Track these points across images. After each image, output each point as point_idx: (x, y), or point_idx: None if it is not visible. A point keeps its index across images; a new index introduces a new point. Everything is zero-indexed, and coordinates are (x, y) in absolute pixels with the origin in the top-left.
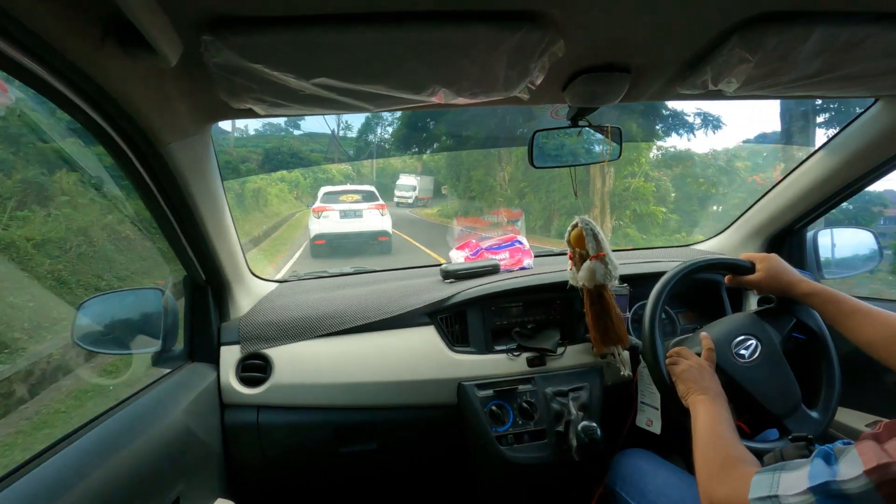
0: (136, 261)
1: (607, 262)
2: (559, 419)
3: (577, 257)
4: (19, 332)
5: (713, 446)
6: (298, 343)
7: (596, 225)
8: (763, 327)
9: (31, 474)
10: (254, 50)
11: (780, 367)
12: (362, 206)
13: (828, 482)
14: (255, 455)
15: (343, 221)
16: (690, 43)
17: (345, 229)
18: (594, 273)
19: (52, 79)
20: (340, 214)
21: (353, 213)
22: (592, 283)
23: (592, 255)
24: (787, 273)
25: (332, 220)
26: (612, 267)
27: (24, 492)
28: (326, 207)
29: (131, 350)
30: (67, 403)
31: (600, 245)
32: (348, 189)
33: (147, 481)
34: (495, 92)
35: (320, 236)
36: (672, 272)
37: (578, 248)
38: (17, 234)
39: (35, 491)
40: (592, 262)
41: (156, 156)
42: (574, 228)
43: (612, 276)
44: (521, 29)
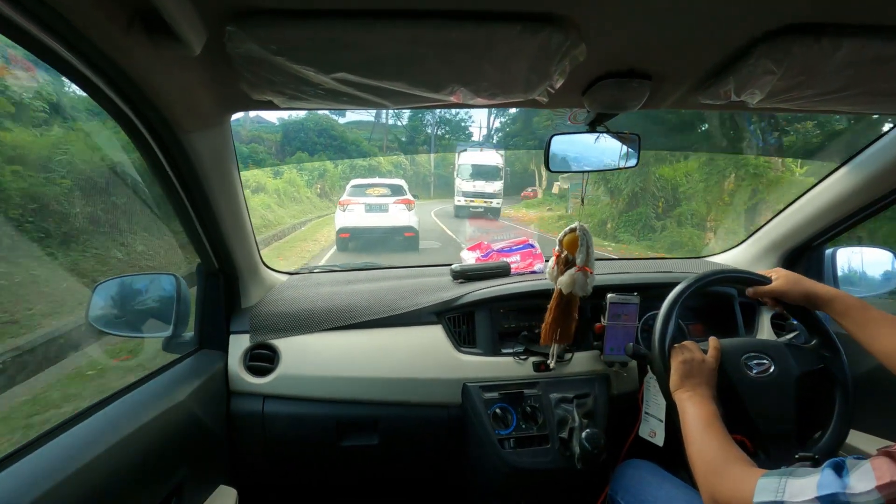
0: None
1: (587, 277)
2: (563, 425)
3: (562, 259)
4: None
5: (711, 442)
6: (306, 335)
7: (591, 237)
8: (785, 355)
9: (41, 450)
10: (276, 42)
11: (785, 396)
12: (388, 201)
13: (836, 494)
14: (258, 444)
15: (368, 215)
16: (714, 52)
17: (369, 223)
18: (574, 283)
19: (79, 63)
20: (365, 208)
21: (379, 206)
22: (568, 291)
23: (579, 265)
24: (806, 280)
25: (357, 213)
26: (590, 282)
27: (34, 466)
28: (351, 200)
29: (143, 333)
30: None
31: (589, 259)
32: (375, 182)
33: (152, 463)
34: (514, 94)
35: (344, 229)
36: (688, 282)
37: (568, 252)
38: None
39: (45, 466)
40: (577, 273)
41: (176, 144)
42: (571, 232)
43: (586, 291)
44: (544, 31)
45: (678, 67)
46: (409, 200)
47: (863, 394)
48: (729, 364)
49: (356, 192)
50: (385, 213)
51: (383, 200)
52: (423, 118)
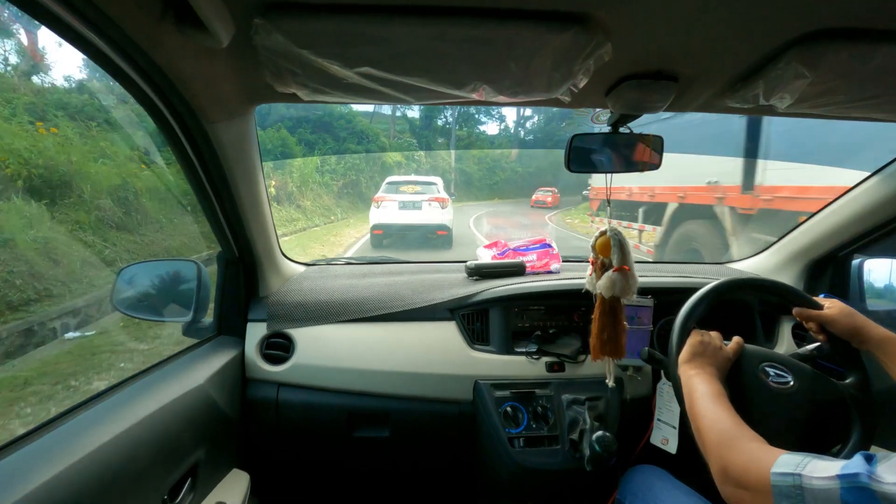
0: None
1: (629, 276)
2: (574, 427)
3: (598, 265)
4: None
5: (723, 416)
6: (322, 326)
7: (624, 236)
8: (810, 379)
9: (63, 427)
10: (302, 36)
11: (796, 412)
12: (421, 198)
13: (859, 474)
14: (272, 431)
15: (401, 212)
16: (744, 55)
17: (402, 220)
18: (614, 285)
19: (111, 52)
20: (399, 205)
21: (412, 204)
22: (609, 294)
23: (616, 266)
24: (859, 315)
25: (391, 210)
26: (633, 282)
27: (57, 442)
28: (386, 197)
29: (164, 318)
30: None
31: (625, 258)
32: (410, 180)
33: (170, 443)
34: (537, 92)
35: (378, 226)
36: (723, 282)
37: (602, 256)
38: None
39: (67, 442)
40: (614, 274)
41: (201, 133)
42: (602, 236)
43: (630, 291)
44: (569, 30)
45: (706, 70)
46: (443, 199)
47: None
48: (746, 367)
49: (391, 189)
50: (418, 210)
51: (417, 198)
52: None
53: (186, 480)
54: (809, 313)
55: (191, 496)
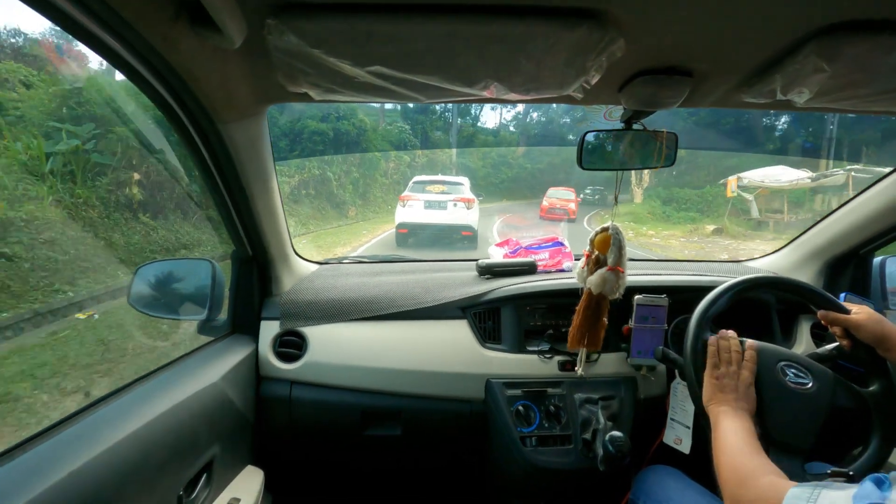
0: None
1: (619, 277)
2: (587, 426)
3: (592, 259)
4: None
5: (741, 455)
6: (334, 324)
7: (623, 236)
8: (831, 383)
9: (82, 422)
10: (314, 35)
11: (814, 414)
12: (447, 198)
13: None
14: (285, 428)
15: (426, 212)
16: (761, 49)
17: (427, 220)
18: (604, 283)
19: (127, 53)
20: (425, 204)
21: (438, 204)
22: (598, 291)
23: (610, 265)
24: (888, 322)
25: (416, 209)
26: (622, 283)
27: (75, 437)
28: (412, 196)
29: (179, 316)
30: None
31: (621, 259)
32: (437, 179)
33: (186, 440)
34: (549, 89)
35: (403, 225)
36: (738, 282)
37: (599, 252)
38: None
39: (85, 438)
40: (607, 273)
41: (215, 133)
42: (602, 232)
43: (617, 292)
44: (582, 27)
45: (722, 64)
46: (470, 199)
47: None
48: (763, 364)
49: (417, 188)
50: (444, 210)
51: (443, 198)
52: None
53: (202, 476)
54: (836, 317)
55: (206, 492)
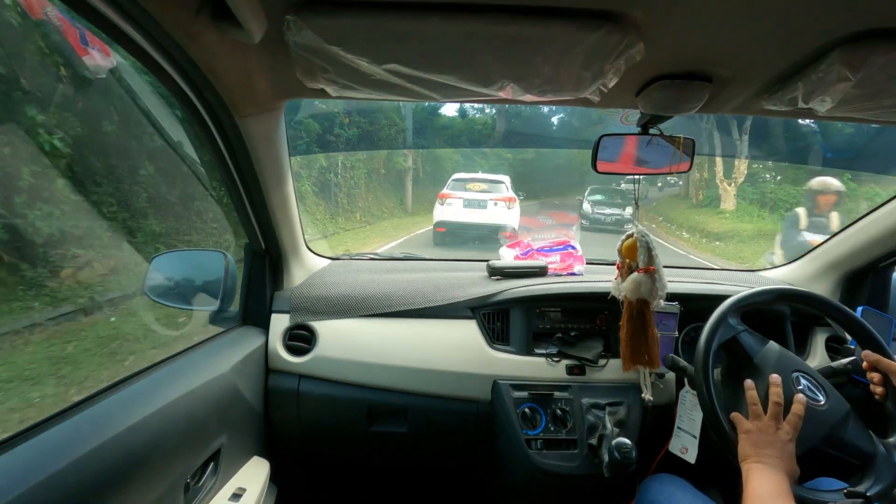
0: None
1: (655, 279)
2: (593, 432)
3: (625, 268)
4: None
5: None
6: (343, 320)
7: (652, 238)
8: (847, 415)
9: (93, 408)
10: (332, 32)
11: (812, 431)
12: (487, 197)
13: None
14: (292, 421)
15: (465, 211)
16: (784, 56)
17: (465, 219)
18: (639, 286)
19: (149, 47)
20: (464, 203)
21: (477, 203)
22: (635, 297)
23: (641, 267)
24: None
25: (455, 208)
26: (660, 285)
27: (86, 422)
28: (451, 195)
29: (192, 306)
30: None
31: (652, 259)
32: (477, 177)
33: (195, 428)
34: (565, 91)
35: (441, 223)
36: (762, 292)
37: (629, 259)
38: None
39: (96, 423)
40: (639, 275)
41: (232, 127)
42: (628, 238)
43: (657, 294)
44: (601, 29)
45: (743, 71)
46: (511, 198)
47: None
48: (778, 371)
49: (457, 185)
50: (483, 209)
51: (482, 196)
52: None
53: (209, 465)
54: (880, 361)
55: (213, 480)
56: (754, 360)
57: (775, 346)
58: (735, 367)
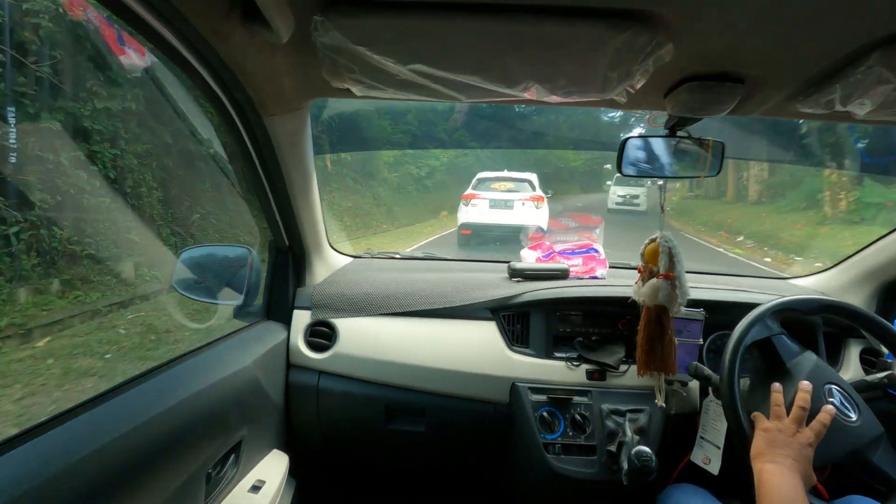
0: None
1: (676, 285)
2: (612, 438)
3: (646, 272)
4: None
5: None
6: (364, 318)
7: (676, 244)
8: (880, 438)
9: (119, 398)
10: (359, 32)
11: (838, 448)
12: (514, 197)
13: None
14: (311, 416)
15: (491, 211)
16: (821, 57)
17: (492, 220)
18: (657, 292)
19: (182, 46)
20: (490, 203)
21: (504, 202)
22: (653, 302)
23: (661, 273)
24: None
25: (481, 209)
26: (681, 291)
27: (114, 411)
28: (476, 195)
29: (217, 300)
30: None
31: (673, 266)
32: (502, 176)
33: (217, 419)
34: (591, 93)
35: (466, 226)
36: (804, 300)
37: (651, 264)
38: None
39: (122, 412)
40: (658, 281)
41: (259, 125)
42: (651, 242)
43: (677, 301)
44: (629, 29)
45: (777, 72)
46: (539, 197)
47: None
48: (811, 378)
49: (481, 185)
50: (510, 210)
51: (509, 196)
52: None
53: (230, 456)
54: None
55: (234, 471)
56: (786, 365)
57: (812, 355)
58: (765, 370)
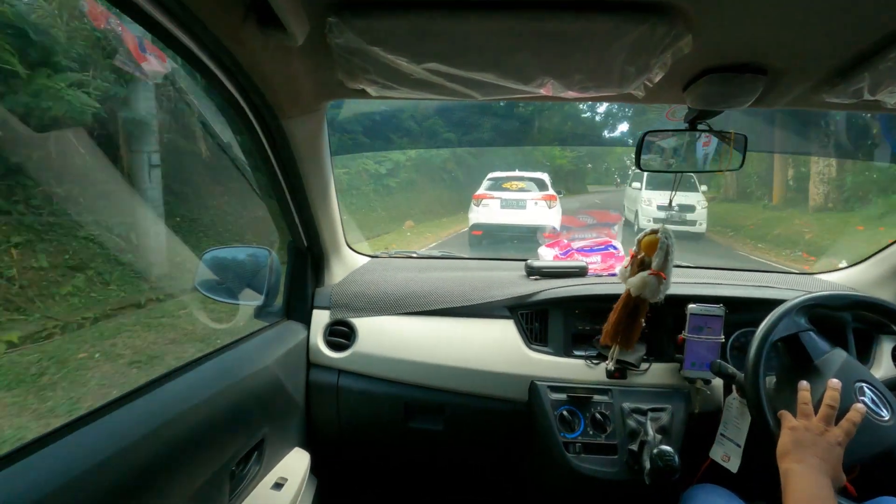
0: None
1: (661, 283)
2: (634, 437)
3: (637, 260)
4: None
5: None
6: (382, 317)
7: (674, 242)
8: None
9: (146, 396)
10: (373, 32)
11: (870, 448)
12: (526, 196)
13: None
14: (331, 415)
15: (503, 212)
16: (849, 45)
17: (504, 220)
18: (644, 286)
19: (200, 51)
20: (501, 203)
21: (516, 202)
22: (637, 293)
23: (653, 269)
24: None
25: (492, 209)
26: (664, 289)
27: (141, 410)
28: (487, 195)
29: (239, 301)
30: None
31: (666, 264)
32: (514, 175)
33: (241, 417)
34: (608, 87)
35: (477, 226)
36: (834, 296)
37: (644, 254)
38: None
39: (149, 411)
40: (649, 277)
41: (277, 128)
42: (652, 234)
43: (658, 297)
44: (645, 22)
45: (802, 61)
46: (551, 196)
47: None
48: (839, 378)
49: (493, 185)
50: (522, 210)
51: (521, 196)
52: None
53: (253, 454)
54: None
55: (257, 469)
56: (814, 363)
57: (842, 352)
58: (792, 367)
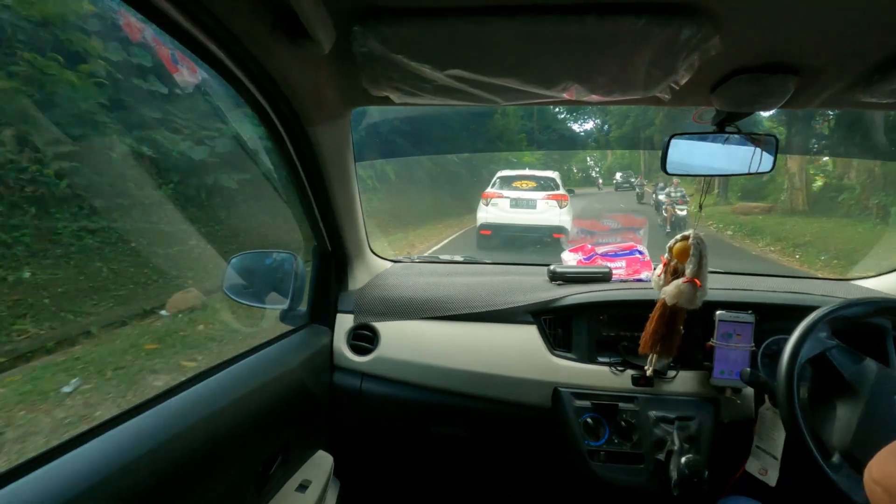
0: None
1: (697, 290)
2: (661, 447)
3: (670, 268)
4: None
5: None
6: (405, 321)
7: (706, 248)
8: None
9: (175, 398)
10: (397, 40)
11: None
12: (536, 196)
13: None
14: (355, 418)
15: (512, 211)
16: (884, 42)
17: (513, 220)
18: (680, 294)
19: (230, 62)
20: (511, 203)
21: (526, 202)
22: (672, 302)
23: (688, 277)
24: None
25: (501, 208)
26: (700, 295)
27: (170, 410)
28: (496, 194)
29: (265, 305)
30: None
31: (700, 270)
32: (524, 174)
33: (267, 421)
34: (633, 90)
35: (486, 226)
36: (853, 303)
37: (677, 261)
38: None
39: (178, 412)
40: (683, 284)
41: (303, 135)
42: (683, 240)
43: (695, 304)
44: (671, 24)
45: (835, 61)
46: (562, 196)
47: None
48: (876, 391)
49: (503, 184)
50: (532, 209)
51: (531, 195)
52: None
53: (278, 456)
54: None
55: (282, 471)
56: (846, 379)
57: (873, 364)
58: (824, 385)
